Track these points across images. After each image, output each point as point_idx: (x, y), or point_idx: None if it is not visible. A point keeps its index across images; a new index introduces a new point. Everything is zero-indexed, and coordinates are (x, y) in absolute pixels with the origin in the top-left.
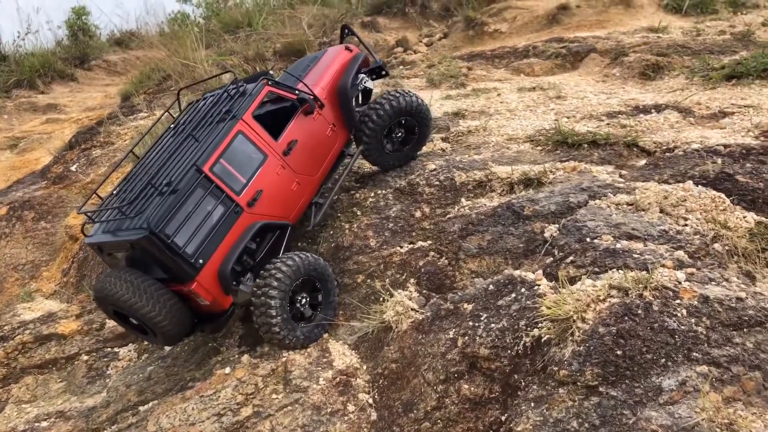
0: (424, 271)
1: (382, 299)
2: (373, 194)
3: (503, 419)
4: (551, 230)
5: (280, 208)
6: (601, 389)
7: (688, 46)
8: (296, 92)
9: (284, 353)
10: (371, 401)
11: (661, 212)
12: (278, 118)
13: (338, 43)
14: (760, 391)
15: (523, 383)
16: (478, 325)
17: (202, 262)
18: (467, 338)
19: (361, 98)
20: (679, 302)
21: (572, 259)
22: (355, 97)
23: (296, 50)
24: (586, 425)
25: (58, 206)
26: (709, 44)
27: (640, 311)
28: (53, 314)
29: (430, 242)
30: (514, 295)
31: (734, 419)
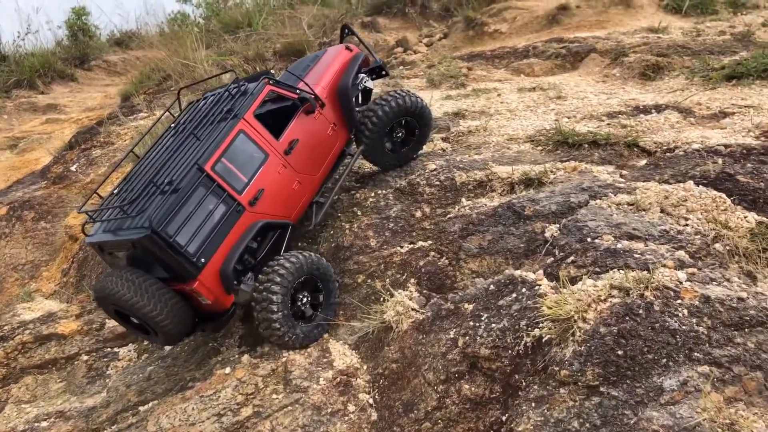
0: (424, 271)
1: (382, 299)
2: (373, 194)
3: (504, 419)
4: (552, 230)
5: (281, 207)
6: (602, 389)
7: (688, 46)
8: (297, 91)
9: (284, 353)
10: (372, 401)
11: (661, 212)
12: (279, 117)
13: (338, 43)
14: (761, 391)
15: (523, 383)
16: (478, 325)
17: (203, 261)
18: (468, 338)
19: (361, 98)
20: (680, 302)
21: (573, 259)
22: (355, 96)
23: (296, 50)
24: (587, 425)
25: (58, 206)
26: (709, 45)
27: (641, 311)
28: (53, 314)
29: (430, 242)
30: (514, 295)
31: (736, 419)
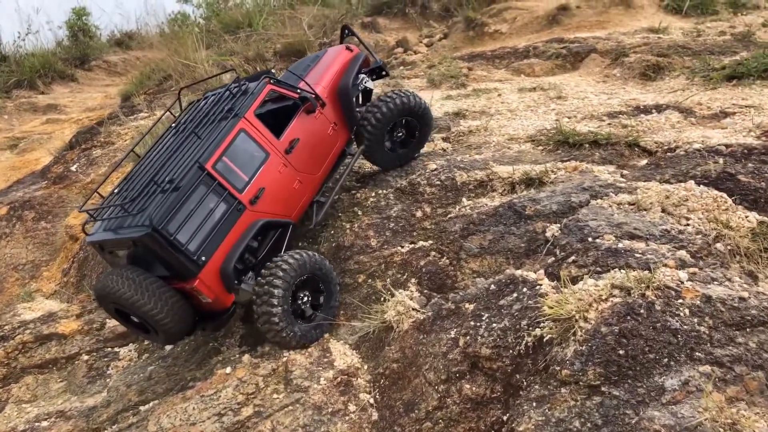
0: (425, 270)
1: (383, 299)
2: (374, 194)
3: (505, 419)
4: (553, 230)
5: (282, 206)
6: (603, 389)
7: (688, 46)
8: (298, 91)
9: (285, 353)
10: (372, 401)
11: (662, 212)
12: (279, 117)
13: (338, 43)
14: (763, 390)
15: (525, 383)
16: (479, 324)
17: (204, 259)
18: (469, 338)
19: (361, 98)
20: (681, 302)
21: (574, 258)
22: (355, 97)
23: (296, 51)
24: (588, 425)
25: (58, 206)
26: (709, 45)
27: (642, 311)
28: (53, 314)
29: (431, 242)
30: (515, 294)
31: (737, 419)
